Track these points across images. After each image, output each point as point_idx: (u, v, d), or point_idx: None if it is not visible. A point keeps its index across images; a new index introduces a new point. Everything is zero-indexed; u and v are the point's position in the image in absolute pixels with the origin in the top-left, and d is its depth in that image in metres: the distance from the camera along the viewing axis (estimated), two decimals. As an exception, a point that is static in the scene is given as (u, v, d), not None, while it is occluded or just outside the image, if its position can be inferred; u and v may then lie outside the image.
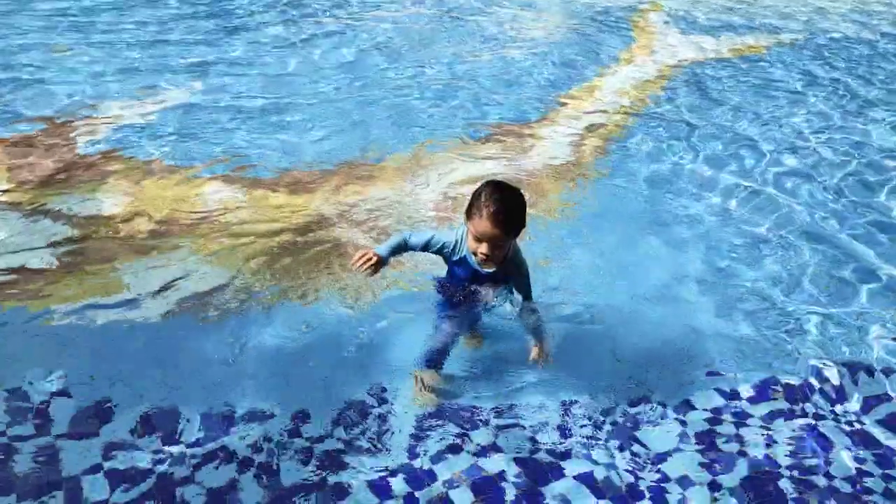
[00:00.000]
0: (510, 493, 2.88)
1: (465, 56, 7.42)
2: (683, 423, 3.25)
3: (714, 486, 2.96)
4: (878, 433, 3.24)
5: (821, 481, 3.01)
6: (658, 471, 3.02)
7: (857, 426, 3.26)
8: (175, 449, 2.98)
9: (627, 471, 3.01)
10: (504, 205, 2.85)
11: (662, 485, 2.96)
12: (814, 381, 3.49)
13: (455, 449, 3.06)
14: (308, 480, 2.90)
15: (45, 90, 6.11)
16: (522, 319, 3.36)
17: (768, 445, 3.16)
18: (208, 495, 2.82)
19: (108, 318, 3.65)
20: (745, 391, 3.43)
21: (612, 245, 4.41)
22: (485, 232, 2.86)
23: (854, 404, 3.38)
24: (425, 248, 3.19)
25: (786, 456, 3.11)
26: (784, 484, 2.98)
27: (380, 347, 3.56)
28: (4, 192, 4.63)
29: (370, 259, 3.03)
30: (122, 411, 3.12)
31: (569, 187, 5.09)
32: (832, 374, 3.52)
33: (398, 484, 2.90)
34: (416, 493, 2.87)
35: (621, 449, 3.10)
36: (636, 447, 3.12)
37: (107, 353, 3.46)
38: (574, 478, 2.96)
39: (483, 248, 2.90)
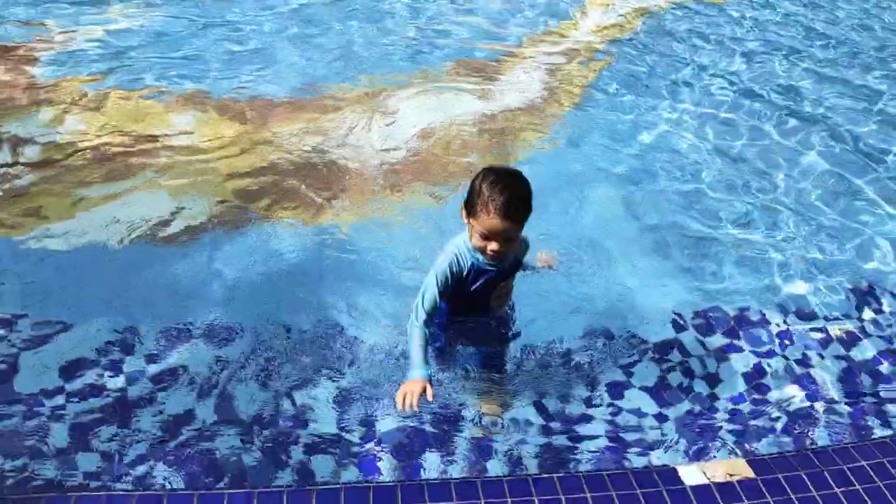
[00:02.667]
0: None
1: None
2: (634, 366, 3.37)
3: (661, 417, 3.14)
4: (829, 375, 3.40)
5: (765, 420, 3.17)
6: (611, 404, 3.18)
7: (809, 367, 3.42)
8: (135, 368, 3.05)
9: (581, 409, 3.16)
10: (511, 194, 2.56)
11: (615, 416, 3.12)
12: (773, 325, 3.64)
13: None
14: (267, 403, 2.99)
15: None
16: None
17: (713, 385, 3.31)
18: (166, 415, 2.89)
19: (68, 243, 3.68)
20: (702, 333, 3.58)
21: (572, 195, 4.38)
22: (495, 228, 2.58)
23: (802, 345, 3.54)
24: (445, 289, 2.77)
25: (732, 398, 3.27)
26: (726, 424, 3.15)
27: (350, 272, 3.64)
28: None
29: (419, 392, 2.53)
30: (81, 331, 3.18)
31: (533, 133, 5.05)
32: (789, 318, 3.70)
33: (357, 409, 2.99)
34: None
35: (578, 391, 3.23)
36: (591, 387, 3.25)
37: (67, 275, 3.50)
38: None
39: (493, 245, 2.63)
